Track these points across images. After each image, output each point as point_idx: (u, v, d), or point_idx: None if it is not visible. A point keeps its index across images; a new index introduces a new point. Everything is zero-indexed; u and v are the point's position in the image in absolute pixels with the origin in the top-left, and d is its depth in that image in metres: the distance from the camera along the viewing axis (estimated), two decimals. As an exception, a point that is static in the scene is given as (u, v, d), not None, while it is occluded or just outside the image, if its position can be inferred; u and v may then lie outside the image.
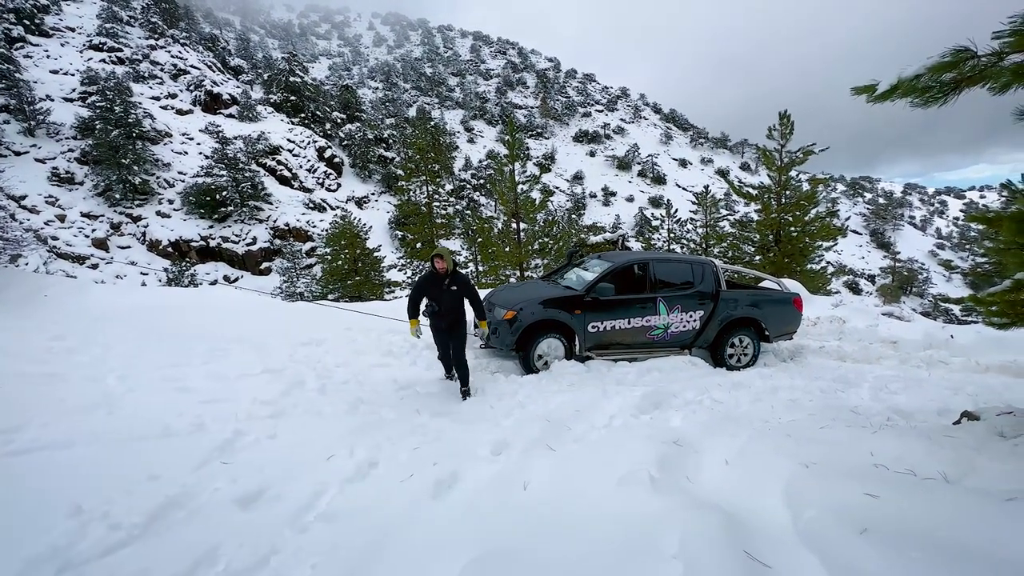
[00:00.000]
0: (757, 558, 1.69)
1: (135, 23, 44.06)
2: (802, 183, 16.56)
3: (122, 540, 2.21)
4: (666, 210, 24.09)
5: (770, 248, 16.45)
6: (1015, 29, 2.03)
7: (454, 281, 4.56)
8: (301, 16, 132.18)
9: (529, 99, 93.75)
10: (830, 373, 5.43)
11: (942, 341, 6.82)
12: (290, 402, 4.07)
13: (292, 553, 2.23)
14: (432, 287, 4.58)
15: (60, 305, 7.03)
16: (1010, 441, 2.57)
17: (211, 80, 42.12)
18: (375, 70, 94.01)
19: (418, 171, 20.92)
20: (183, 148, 34.73)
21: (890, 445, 2.59)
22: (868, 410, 3.96)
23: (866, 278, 53.98)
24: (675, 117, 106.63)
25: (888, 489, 2.01)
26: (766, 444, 2.81)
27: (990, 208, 3.17)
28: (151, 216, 29.54)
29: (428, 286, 4.59)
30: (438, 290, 4.54)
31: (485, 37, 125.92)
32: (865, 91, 2.51)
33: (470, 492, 2.59)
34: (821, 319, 8.46)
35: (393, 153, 50.26)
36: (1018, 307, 2.80)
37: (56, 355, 5.01)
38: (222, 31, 75.62)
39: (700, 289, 5.91)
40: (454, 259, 4.36)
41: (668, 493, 2.27)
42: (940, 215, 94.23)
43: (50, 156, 28.59)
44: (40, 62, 34.37)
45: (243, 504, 2.55)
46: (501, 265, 18.02)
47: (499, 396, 4.48)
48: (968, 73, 2.24)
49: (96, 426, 3.36)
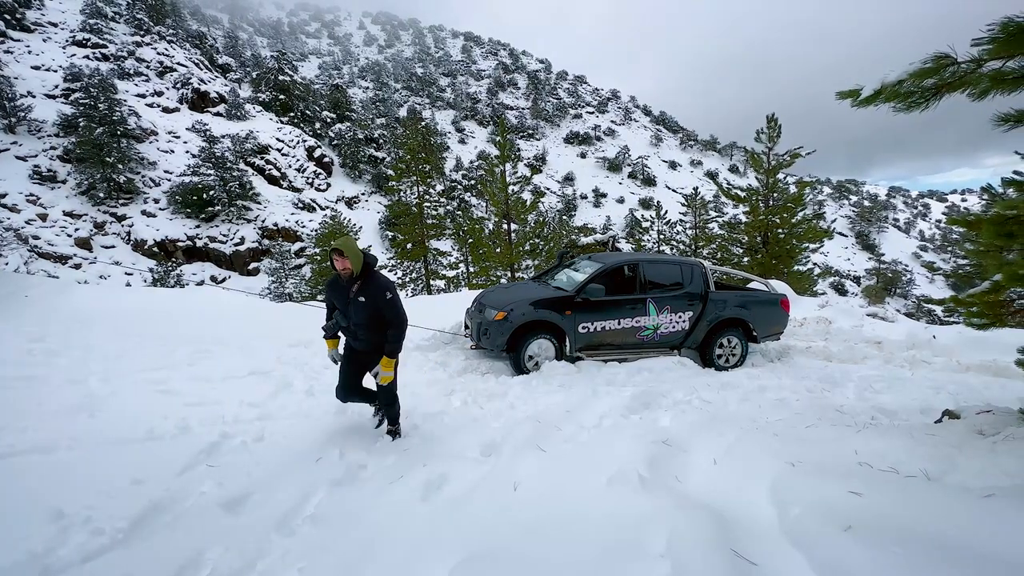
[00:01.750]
0: (744, 556, 1.71)
1: (120, 19, 43.32)
2: (789, 186, 16.81)
3: (104, 545, 2.17)
4: (656, 212, 24.29)
5: (758, 250, 16.66)
6: (993, 36, 2.08)
7: (364, 289, 3.20)
8: (291, 14, 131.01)
9: (520, 100, 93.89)
10: (816, 373, 5.51)
11: (925, 341, 6.96)
12: (277, 404, 4.02)
13: (279, 557, 2.20)
14: (335, 295, 3.34)
15: (41, 306, 6.88)
16: (989, 439, 2.63)
17: (198, 78, 41.55)
18: (365, 69, 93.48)
19: (409, 171, 20.85)
20: (169, 146, 34.21)
21: (874, 443, 2.63)
22: (853, 409, 4.03)
23: (851, 279, 54.88)
24: (665, 119, 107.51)
25: (872, 487, 2.05)
26: (753, 443, 2.84)
27: (971, 211, 3.24)
28: (136, 215, 29.04)
29: (331, 293, 3.39)
30: (342, 299, 3.28)
31: (476, 38, 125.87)
32: (850, 96, 2.55)
33: (460, 493, 2.58)
34: (808, 320, 8.58)
35: (383, 153, 50.04)
36: (997, 308, 2.87)
37: (36, 357, 4.91)
38: (210, 28, 74.67)
39: (689, 290, 5.96)
40: (367, 256, 3.20)
41: (657, 493, 2.29)
42: (923, 218, 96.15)
43: (32, 154, 27.99)
44: (21, 58, 33.64)
45: (229, 508, 2.51)
46: (492, 266, 18.03)
47: (489, 397, 4.47)
48: (949, 79, 2.29)
49: (77, 429, 3.29)
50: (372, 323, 3.25)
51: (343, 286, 3.24)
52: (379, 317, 3.22)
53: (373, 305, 3.17)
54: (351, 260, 3.11)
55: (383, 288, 3.19)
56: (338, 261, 3.14)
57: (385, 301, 3.17)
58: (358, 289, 3.19)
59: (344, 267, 3.14)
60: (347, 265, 3.12)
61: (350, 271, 3.14)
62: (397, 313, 3.21)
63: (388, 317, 3.21)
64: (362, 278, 3.20)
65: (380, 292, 3.17)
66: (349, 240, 3.18)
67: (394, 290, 3.18)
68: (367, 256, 3.21)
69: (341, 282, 3.25)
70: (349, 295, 3.21)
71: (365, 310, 3.19)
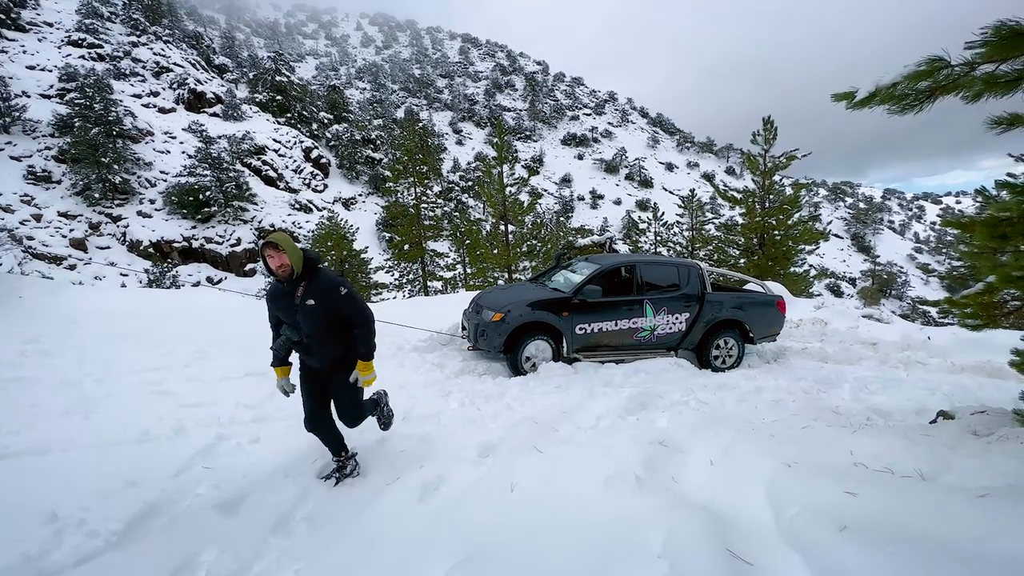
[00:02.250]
0: (740, 556, 1.71)
1: (116, 19, 43.16)
2: (785, 188, 16.89)
3: (99, 548, 2.16)
4: (653, 213, 24.35)
5: (754, 251, 16.73)
6: (986, 40, 2.10)
7: (311, 290, 2.65)
8: (288, 15, 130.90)
9: (518, 102, 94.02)
10: (812, 374, 5.53)
11: (920, 342, 7.00)
12: (274, 406, 4.01)
13: (275, 559, 2.20)
14: (279, 304, 2.76)
15: (35, 307, 6.84)
16: (983, 439, 2.65)
17: (195, 78, 41.43)
18: (363, 71, 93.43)
19: (406, 172, 20.83)
20: (165, 147, 34.08)
21: (869, 444, 2.65)
22: (849, 410, 4.05)
23: (847, 281, 55.14)
24: (662, 121, 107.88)
25: (867, 487, 2.06)
26: (750, 444, 2.85)
27: (965, 213, 3.27)
28: (132, 216, 28.90)
29: (273, 304, 2.81)
30: (287, 308, 2.70)
31: (474, 39, 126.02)
32: (845, 98, 2.57)
33: (457, 495, 2.58)
34: (804, 321, 8.62)
35: (381, 154, 49.99)
36: (991, 309, 2.89)
37: (29, 359, 4.88)
38: (206, 29, 74.49)
39: (686, 291, 5.97)
40: (307, 252, 2.71)
41: (654, 493, 2.29)
42: (918, 220, 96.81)
43: (26, 154, 27.82)
44: (16, 57, 33.45)
45: (225, 510, 2.50)
46: (489, 267, 18.03)
47: (486, 398, 4.47)
48: (942, 82, 2.31)
49: (72, 431, 3.27)
50: (329, 330, 2.72)
51: (286, 292, 2.68)
52: (337, 320, 2.72)
53: (326, 307, 2.66)
54: (289, 255, 2.57)
55: (335, 284, 2.67)
56: (272, 258, 2.56)
57: (340, 297, 2.66)
58: (304, 291, 2.64)
59: (281, 264, 2.56)
60: (284, 261, 2.56)
61: (288, 268, 2.58)
62: (360, 309, 2.74)
63: (350, 316, 2.72)
64: (306, 277, 2.66)
65: (332, 289, 2.65)
66: (282, 235, 2.63)
67: (349, 285, 2.73)
68: (307, 252, 2.72)
69: (282, 287, 2.69)
70: (295, 301, 2.65)
71: (317, 315, 2.65)
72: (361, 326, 2.76)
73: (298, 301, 2.65)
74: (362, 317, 2.75)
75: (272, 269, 2.59)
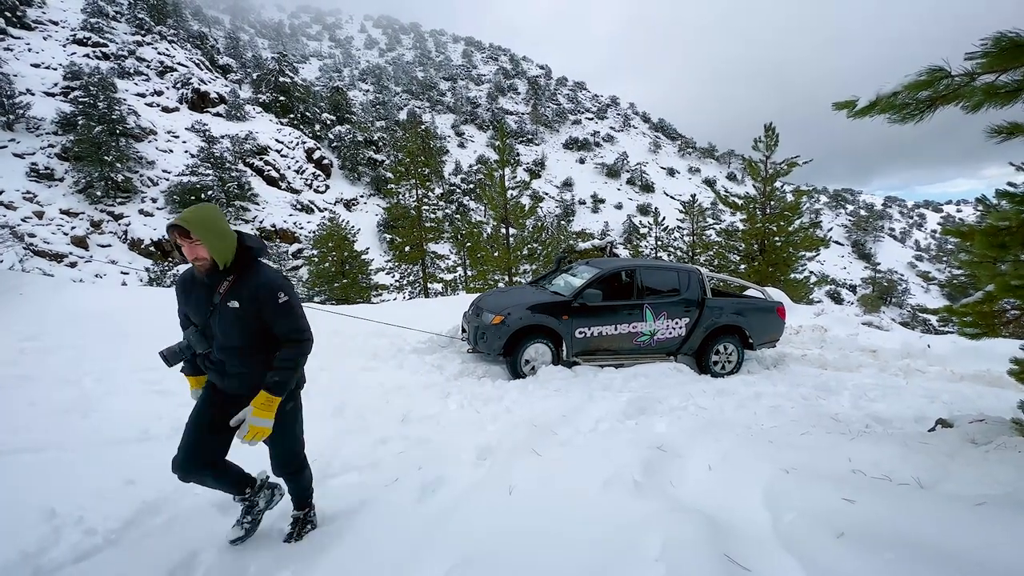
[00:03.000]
0: (737, 561, 1.71)
1: (121, 18, 43.38)
2: (786, 194, 16.92)
3: (97, 546, 2.16)
4: (654, 218, 24.40)
5: (755, 257, 16.75)
6: (986, 51, 2.11)
7: (238, 289, 1.97)
8: (292, 16, 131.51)
9: (520, 105, 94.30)
10: (811, 380, 5.53)
11: (919, 350, 7.00)
12: (273, 405, 4.01)
13: (273, 559, 2.19)
14: (190, 300, 2.07)
15: (35, 304, 6.85)
16: (981, 448, 2.65)
17: (199, 78, 41.59)
18: (366, 72, 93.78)
19: (408, 174, 20.89)
20: (168, 146, 34.18)
21: (868, 451, 2.65)
22: (848, 417, 4.05)
23: (847, 288, 55.16)
24: (664, 126, 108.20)
25: (865, 494, 2.06)
26: (748, 450, 2.85)
27: (965, 222, 3.28)
28: (133, 214, 28.96)
29: (184, 297, 2.11)
30: (202, 304, 2.01)
31: (477, 43, 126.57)
32: (845, 106, 2.59)
33: (455, 496, 2.58)
34: (803, 328, 8.62)
35: (383, 156, 50.13)
36: (990, 318, 2.90)
37: (29, 356, 4.89)
38: (211, 29, 74.81)
39: (686, 296, 5.98)
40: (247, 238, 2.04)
41: (652, 497, 2.30)
42: (919, 228, 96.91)
43: (29, 151, 27.90)
44: (21, 55, 33.60)
45: (223, 509, 2.50)
46: (490, 270, 18.04)
47: (485, 401, 4.47)
48: (943, 92, 2.33)
49: (70, 429, 3.28)
50: (252, 346, 2.01)
51: (205, 284, 1.98)
52: (263, 335, 2.00)
53: (254, 315, 1.95)
54: (208, 246, 1.85)
55: (273, 287, 1.96)
56: (186, 246, 1.86)
57: (277, 306, 1.96)
58: (230, 289, 1.95)
59: (196, 257, 1.87)
60: (201, 255, 1.87)
61: (207, 263, 1.89)
62: (297, 327, 2.01)
63: (282, 333, 2.00)
64: (236, 271, 1.97)
65: (268, 292, 1.95)
66: (207, 211, 1.88)
67: (291, 290, 2.03)
68: (246, 238, 2.02)
69: (199, 278, 1.99)
70: (213, 298, 1.97)
71: (239, 324, 1.96)
72: (291, 345, 2.01)
73: (218, 300, 1.95)
74: (297, 335, 2.02)
75: (192, 262, 1.91)
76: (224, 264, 1.94)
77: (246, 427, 1.91)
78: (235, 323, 1.97)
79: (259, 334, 2.02)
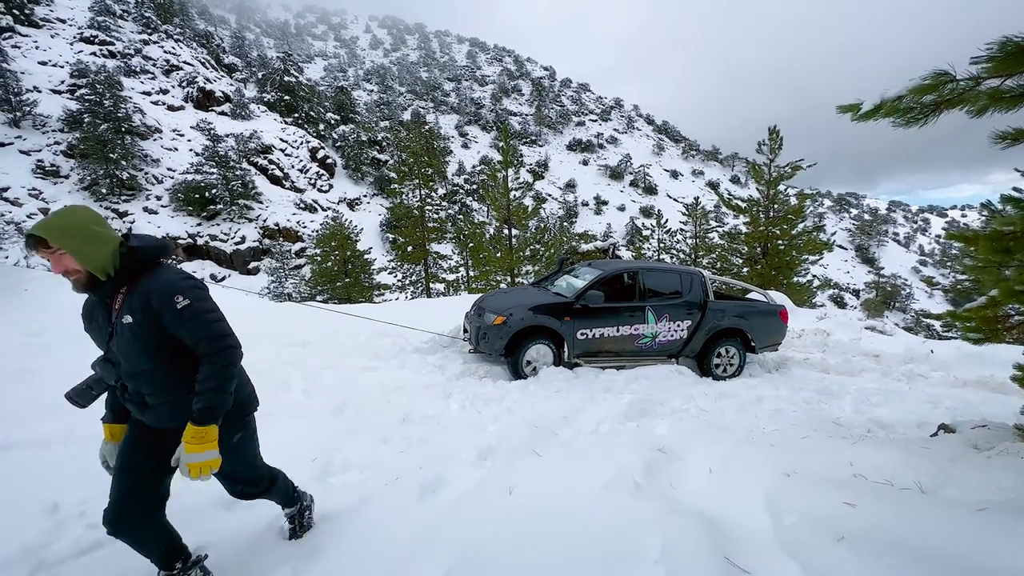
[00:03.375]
0: (737, 564, 1.71)
1: (128, 17, 43.66)
2: (790, 197, 16.89)
3: (99, 540, 2.17)
4: (657, 220, 24.39)
5: (758, 260, 16.71)
6: (991, 56, 2.11)
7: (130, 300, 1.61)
8: (297, 16, 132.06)
9: (524, 106, 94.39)
10: (814, 384, 5.52)
11: (923, 355, 6.97)
12: (274, 403, 4.02)
13: (273, 557, 2.20)
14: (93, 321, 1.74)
15: (40, 300, 6.89)
16: (984, 453, 2.64)
17: (204, 77, 41.79)
18: (371, 72, 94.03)
19: (411, 174, 20.93)
20: (173, 144, 34.36)
21: (869, 455, 2.64)
22: (850, 421, 4.04)
23: (851, 292, 55.00)
24: (667, 129, 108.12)
25: (866, 498, 2.05)
26: (749, 453, 2.84)
27: (970, 227, 3.28)
28: (138, 212, 29.11)
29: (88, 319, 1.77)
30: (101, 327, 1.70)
31: (482, 44, 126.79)
32: (850, 110, 2.58)
33: (455, 496, 2.58)
34: (806, 331, 8.60)
35: (386, 156, 50.26)
36: (994, 323, 2.89)
37: (33, 352, 4.91)
38: (217, 28, 75.18)
39: (688, 299, 5.97)
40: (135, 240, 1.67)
41: (652, 499, 2.29)
42: (923, 232, 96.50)
43: (35, 148, 28.10)
44: (29, 53, 33.85)
45: (225, 505, 2.51)
46: (492, 270, 18.06)
47: (486, 401, 4.47)
48: (947, 96, 2.32)
49: (74, 425, 3.29)
50: (165, 364, 1.66)
51: (102, 302, 1.67)
52: (173, 351, 1.65)
53: (152, 328, 1.60)
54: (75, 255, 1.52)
55: (166, 290, 1.61)
56: (51, 259, 1.53)
57: (175, 314, 1.59)
58: (123, 303, 1.61)
59: (66, 270, 1.55)
60: (71, 266, 1.54)
61: (83, 276, 1.57)
62: (208, 332, 1.64)
63: (192, 345, 1.64)
64: (128, 281, 1.63)
65: (160, 299, 1.59)
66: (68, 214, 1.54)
67: (193, 291, 1.64)
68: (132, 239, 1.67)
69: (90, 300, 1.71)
70: (111, 319, 1.64)
71: (138, 342, 1.61)
72: (209, 363, 1.64)
73: (115, 319, 1.62)
74: (212, 346, 1.64)
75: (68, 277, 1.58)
76: (106, 274, 1.59)
77: (184, 467, 1.61)
78: (134, 342, 1.60)
79: (167, 350, 1.64)
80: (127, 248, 1.64)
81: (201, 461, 1.61)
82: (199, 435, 1.61)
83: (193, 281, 1.69)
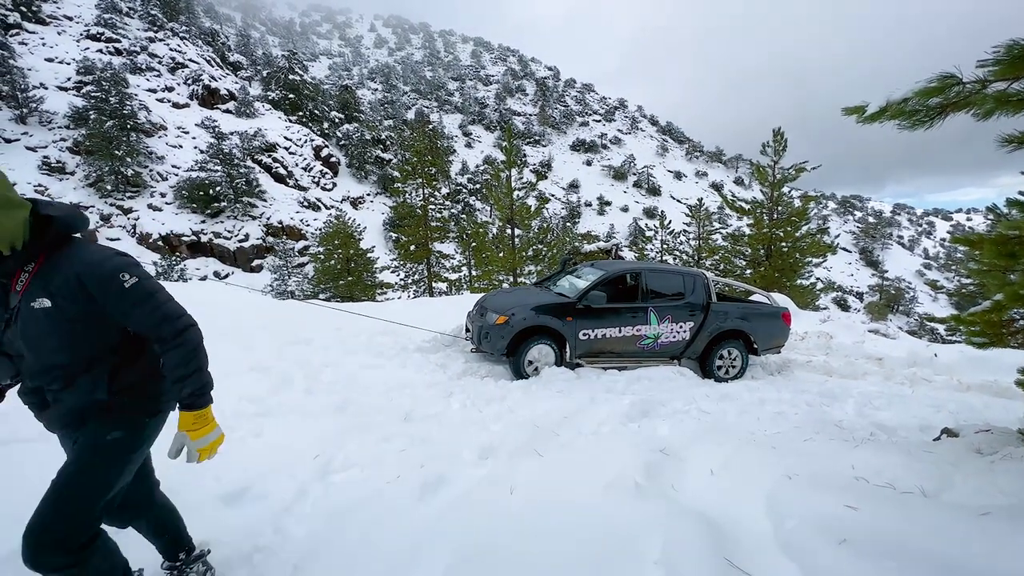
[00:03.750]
0: (738, 565, 1.71)
1: (134, 14, 43.83)
2: (794, 199, 16.84)
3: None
4: (660, 221, 24.33)
5: (761, 262, 16.66)
6: (998, 59, 2.10)
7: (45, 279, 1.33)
8: (303, 15, 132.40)
9: (527, 106, 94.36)
10: (816, 387, 5.50)
11: (926, 359, 6.94)
12: (277, 401, 4.04)
13: (275, 553, 2.21)
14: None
15: None
16: (987, 458, 2.62)
17: (209, 75, 41.94)
18: (375, 71, 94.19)
19: (414, 173, 20.95)
20: (178, 142, 34.50)
21: (871, 459, 2.63)
22: (852, 424, 4.02)
23: (854, 295, 54.77)
24: (671, 130, 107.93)
25: (867, 501, 2.05)
26: (751, 455, 2.84)
27: (974, 230, 3.27)
28: (142, 209, 29.24)
29: None
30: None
31: (486, 43, 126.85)
32: (855, 112, 2.57)
33: (456, 495, 2.59)
34: (809, 334, 8.57)
35: (390, 155, 50.32)
36: (998, 327, 2.88)
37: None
38: (222, 26, 75.44)
39: (691, 300, 5.96)
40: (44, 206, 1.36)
41: (653, 500, 2.29)
42: (928, 236, 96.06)
43: (41, 145, 28.26)
44: (35, 49, 34.04)
45: (226, 502, 2.52)
46: (495, 270, 18.06)
47: (488, 401, 4.48)
48: (953, 99, 2.31)
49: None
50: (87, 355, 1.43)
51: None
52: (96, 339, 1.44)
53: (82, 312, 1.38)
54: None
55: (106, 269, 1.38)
56: None
57: (122, 294, 1.39)
58: (32, 283, 1.35)
59: None
60: None
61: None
62: (164, 311, 1.47)
63: (144, 328, 1.46)
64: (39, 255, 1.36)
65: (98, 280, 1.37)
66: None
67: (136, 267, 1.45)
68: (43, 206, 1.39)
69: None
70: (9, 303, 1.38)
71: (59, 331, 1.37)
72: (174, 344, 1.46)
73: (18, 303, 1.35)
74: (173, 327, 1.46)
75: None
76: (11, 247, 1.31)
77: (193, 453, 1.50)
78: (52, 331, 1.34)
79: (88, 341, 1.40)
80: (41, 217, 1.35)
81: (209, 443, 1.56)
82: (200, 419, 1.52)
83: (129, 257, 1.47)
